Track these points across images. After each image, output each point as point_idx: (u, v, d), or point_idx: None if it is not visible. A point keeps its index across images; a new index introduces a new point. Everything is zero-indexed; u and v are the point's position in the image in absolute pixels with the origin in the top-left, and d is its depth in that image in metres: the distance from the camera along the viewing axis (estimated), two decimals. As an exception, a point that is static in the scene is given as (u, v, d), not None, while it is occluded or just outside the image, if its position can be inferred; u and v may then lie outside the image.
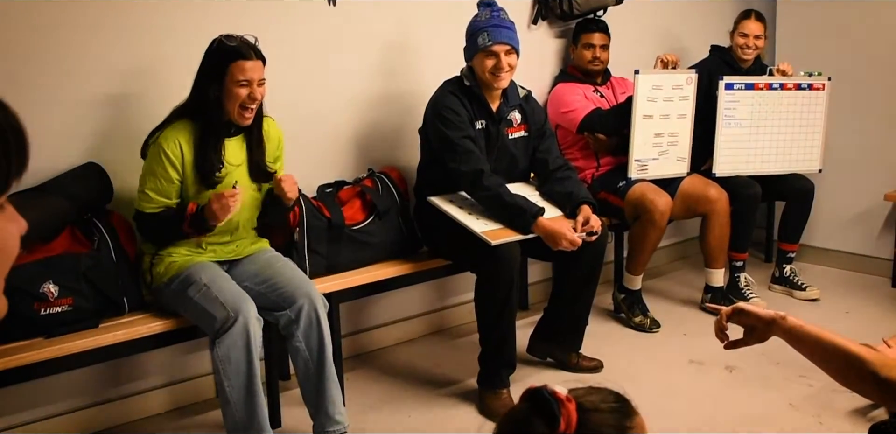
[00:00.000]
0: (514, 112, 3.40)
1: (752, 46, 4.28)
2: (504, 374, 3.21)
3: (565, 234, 3.12)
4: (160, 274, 2.77)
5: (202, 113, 2.69)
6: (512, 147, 3.40)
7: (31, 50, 2.74)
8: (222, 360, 2.61)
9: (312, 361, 2.80)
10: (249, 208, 2.86)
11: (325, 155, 3.51)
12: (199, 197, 2.73)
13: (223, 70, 2.64)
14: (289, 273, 2.86)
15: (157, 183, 2.69)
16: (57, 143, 2.81)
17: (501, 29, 3.21)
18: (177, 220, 2.70)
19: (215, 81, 2.65)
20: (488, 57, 3.20)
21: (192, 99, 2.72)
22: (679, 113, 4.00)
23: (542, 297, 4.14)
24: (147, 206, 2.72)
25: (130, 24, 2.93)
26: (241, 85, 2.65)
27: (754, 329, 1.79)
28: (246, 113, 2.70)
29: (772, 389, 3.33)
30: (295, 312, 2.78)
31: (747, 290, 4.23)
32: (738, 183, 4.17)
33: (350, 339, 3.63)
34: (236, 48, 2.64)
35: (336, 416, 2.82)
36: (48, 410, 2.92)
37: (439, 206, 3.24)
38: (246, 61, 2.65)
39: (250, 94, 2.66)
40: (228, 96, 2.66)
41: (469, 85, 3.29)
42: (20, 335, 2.56)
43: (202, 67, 2.70)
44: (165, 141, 2.66)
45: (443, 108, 3.24)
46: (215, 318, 2.62)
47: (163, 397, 3.19)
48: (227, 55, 2.64)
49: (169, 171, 2.67)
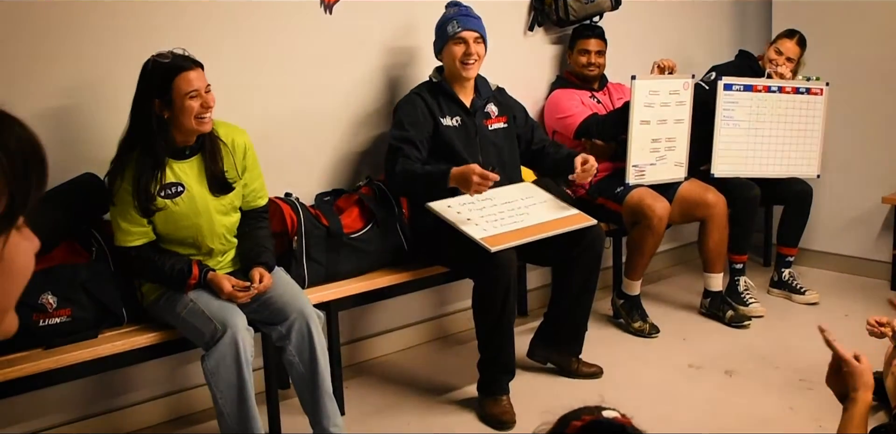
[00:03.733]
0: (490, 105, 3.45)
1: (783, 65, 4.27)
2: (503, 381, 3.21)
3: (472, 169, 3.04)
4: (150, 291, 2.78)
5: (145, 140, 2.62)
6: (493, 138, 3.42)
7: (33, 55, 2.74)
8: (212, 373, 2.61)
9: (306, 375, 2.79)
10: (218, 224, 2.79)
11: (323, 163, 3.51)
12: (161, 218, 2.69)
13: (168, 88, 2.58)
14: (280, 288, 2.84)
15: (125, 213, 2.64)
16: (54, 153, 2.79)
17: (470, 18, 3.32)
18: (177, 280, 2.69)
19: (161, 101, 2.59)
20: (457, 44, 3.28)
21: (133, 127, 2.65)
22: (676, 118, 4.00)
23: (541, 303, 4.14)
24: (127, 240, 2.67)
25: (130, 26, 2.93)
26: (192, 97, 2.60)
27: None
28: (204, 120, 2.65)
29: (771, 393, 3.33)
30: (286, 328, 2.77)
31: (746, 295, 4.22)
32: (738, 185, 4.18)
33: (349, 347, 3.62)
34: (174, 63, 2.59)
35: (331, 429, 2.81)
36: (46, 422, 2.91)
37: (437, 211, 3.24)
38: (189, 72, 2.60)
39: (202, 104, 2.63)
40: (181, 112, 2.60)
41: (438, 81, 3.34)
42: (19, 346, 2.55)
43: (141, 92, 2.62)
44: (119, 179, 2.62)
45: (398, 107, 3.33)
46: (203, 333, 2.62)
47: (160, 408, 3.19)
48: (167, 72, 2.58)
49: (131, 199, 2.62)
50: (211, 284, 2.71)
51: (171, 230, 2.72)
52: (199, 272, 2.70)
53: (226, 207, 2.82)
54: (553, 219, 3.32)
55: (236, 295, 2.70)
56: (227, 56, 3.13)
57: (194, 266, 2.70)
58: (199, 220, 2.74)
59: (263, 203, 2.96)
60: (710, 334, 3.99)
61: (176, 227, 2.72)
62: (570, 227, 3.31)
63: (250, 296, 2.72)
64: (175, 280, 2.69)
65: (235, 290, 2.70)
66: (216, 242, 2.81)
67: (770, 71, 4.26)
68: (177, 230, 2.72)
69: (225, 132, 2.81)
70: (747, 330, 4.02)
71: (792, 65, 4.29)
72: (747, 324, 4.05)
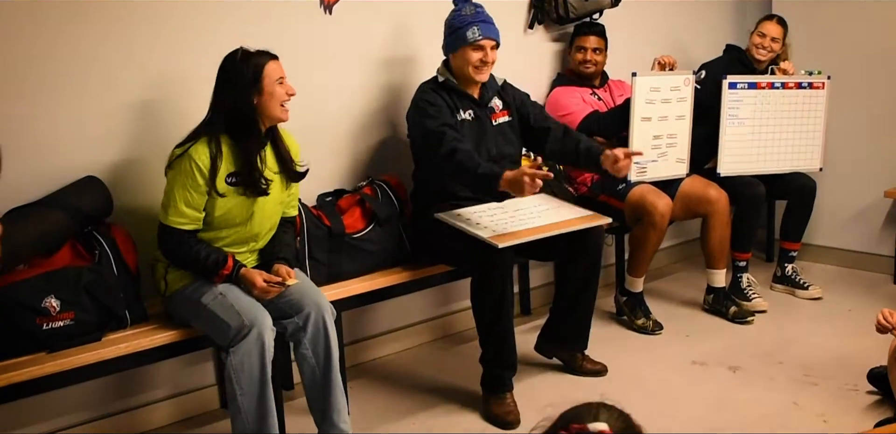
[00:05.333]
0: (495, 99, 3.47)
1: (767, 47, 4.25)
2: (506, 376, 3.21)
3: (523, 171, 3.01)
4: (175, 280, 2.79)
5: (236, 126, 2.70)
6: (499, 132, 3.43)
7: (32, 64, 2.75)
8: (236, 369, 2.62)
9: (319, 369, 2.81)
10: (274, 212, 2.88)
11: (325, 163, 3.51)
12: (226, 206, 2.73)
13: (259, 74, 2.69)
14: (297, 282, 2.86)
15: (188, 195, 2.67)
16: (57, 157, 2.82)
17: (489, 25, 3.33)
18: (211, 269, 2.71)
19: (252, 88, 2.68)
20: (476, 50, 3.28)
21: (217, 114, 2.72)
22: (677, 114, 4.00)
23: (544, 301, 4.15)
24: (177, 221, 2.70)
25: (138, 36, 2.94)
26: (280, 83, 2.73)
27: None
28: (286, 108, 2.77)
29: (776, 389, 3.33)
30: (302, 320, 2.79)
31: (749, 291, 4.22)
32: (742, 183, 4.17)
33: (352, 347, 3.63)
34: (263, 52, 2.74)
35: (341, 425, 2.83)
36: (53, 425, 2.92)
37: (446, 220, 3.25)
38: (276, 60, 2.75)
39: (288, 90, 2.76)
40: (270, 97, 2.71)
41: (445, 79, 3.35)
42: (23, 350, 2.55)
43: (228, 79, 2.70)
44: (196, 153, 2.65)
45: (420, 101, 3.33)
46: (230, 327, 2.63)
47: (167, 409, 3.19)
48: (258, 59, 2.71)
49: (200, 182, 2.66)
50: (243, 279, 2.73)
51: (231, 216, 2.75)
52: (234, 265, 2.74)
53: (283, 202, 2.91)
54: (565, 219, 3.32)
55: (269, 289, 2.72)
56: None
57: (230, 258, 2.74)
58: (266, 207, 2.80)
59: (295, 213, 3.04)
60: (714, 330, 3.99)
61: (233, 214, 2.75)
62: (582, 225, 3.31)
63: (280, 291, 2.75)
64: (209, 268, 2.71)
65: (269, 285, 2.72)
66: (263, 231, 2.87)
67: (774, 67, 4.26)
68: (233, 217, 2.76)
69: (284, 134, 2.90)
70: (751, 326, 4.02)
71: (778, 45, 4.28)
72: (751, 319, 4.05)
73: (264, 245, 2.93)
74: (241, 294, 2.73)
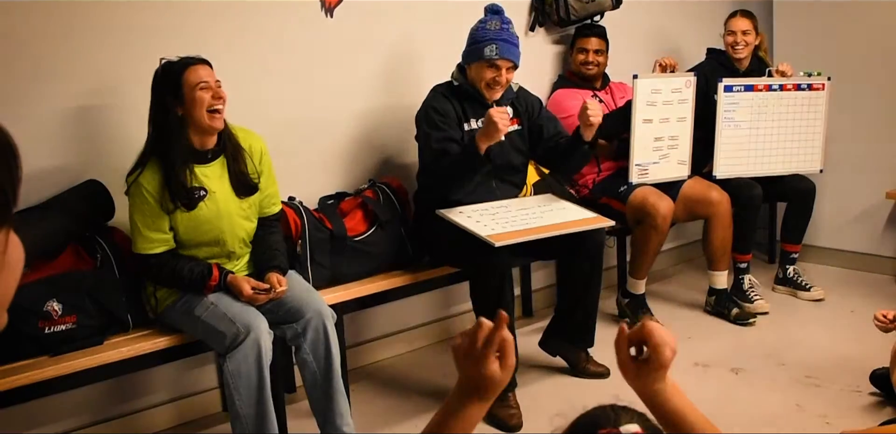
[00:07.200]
0: (507, 107, 3.42)
1: (741, 42, 4.25)
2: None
3: (487, 113, 3.06)
4: (165, 296, 2.77)
5: (166, 144, 2.64)
6: (507, 141, 3.40)
7: (29, 64, 2.75)
8: (233, 375, 2.61)
9: (320, 373, 2.80)
10: (239, 227, 2.81)
11: (326, 166, 3.51)
12: (184, 224, 2.70)
13: (178, 82, 2.62)
14: (296, 288, 2.85)
15: (148, 221, 2.65)
16: (57, 161, 2.82)
17: (511, 45, 3.24)
18: (198, 282, 2.69)
19: (174, 98, 2.62)
20: (490, 68, 3.24)
21: (152, 134, 2.68)
22: (679, 116, 4.00)
23: (547, 303, 4.15)
24: (147, 247, 2.68)
25: (135, 27, 2.94)
26: (202, 88, 2.63)
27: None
28: (216, 114, 2.67)
29: (778, 390, 3.33)
30: (302, 325, 2.79)
31: (751, 292, 4.22)
32: (740, 185, 4.17)
33: (354, 350, 3.62)
34: (181, 60, 2.65)
35: (344, 428, 2.82)
36: (55, 428, 2.92)
37: (447, 217, 3.25)
38: (196, 66, 2.64)
39: (213, 95, 2.65)
40: (192, 105, 2.62)
41: (459, 84, 3.32)
42: (25, 354, 2.56)
43: (155, 94, 2.66)
44: (144, 180, 2.63)
45: (429, 107, 3.30)
46: (225, 335, 2.62)
47: (169, 413, 3.19)
48: (176, 69, 2.64)
49: (154, 206, 2.63)
50: (231, 286, 2.72)
51: (193, 235, 2.72)
52: (220, 274, 2.72)
53: (246, 212, 2.83)
54: (568, 220, 3.32)
55: (256, 297, 2.71)
56: (227, 60, 3.12)
57: (214, 268, 2.72)
58: (222, 224, 2.75)
59: (277, 210, 2.97)
60: (716, 332, 3.99)
61: (198, 232, 2.73)
62: (585, 227, 3.31)
63: (269, 298, 2.74)
64: (195, 282, 2.70)
65: (255, 292, 2.71)
66: (236, 246, 2.82)
67: (772, 69, 4.26)
68: (199, 235, 2.73)
69: (243, 137, 2.83)
70: (753, 327, 4.02)
71: (751, 37, 4.26)
72: (753, 321, 4.05)
73: (249, 253, 2.90)
74: (233, 301, 2.71)
